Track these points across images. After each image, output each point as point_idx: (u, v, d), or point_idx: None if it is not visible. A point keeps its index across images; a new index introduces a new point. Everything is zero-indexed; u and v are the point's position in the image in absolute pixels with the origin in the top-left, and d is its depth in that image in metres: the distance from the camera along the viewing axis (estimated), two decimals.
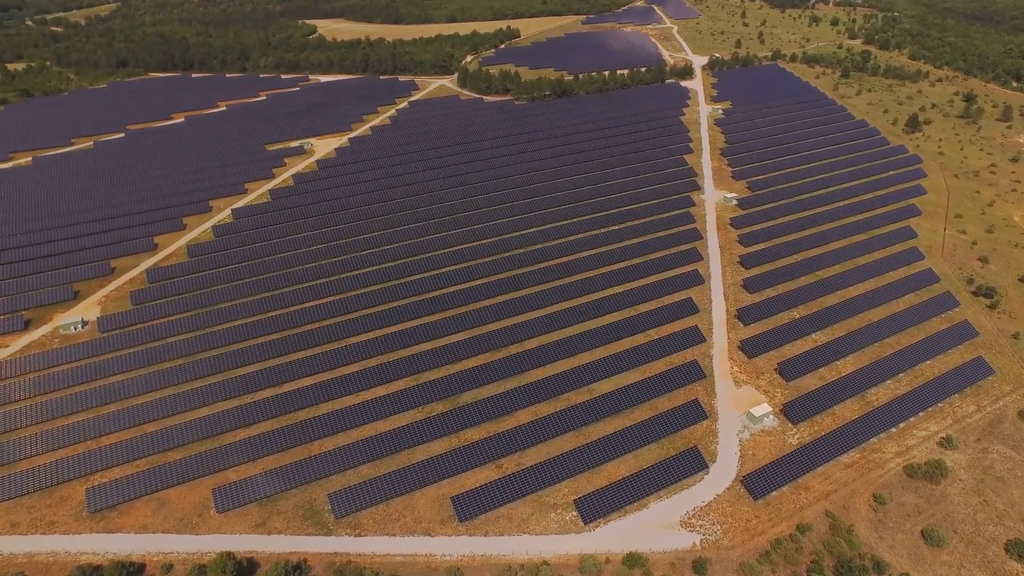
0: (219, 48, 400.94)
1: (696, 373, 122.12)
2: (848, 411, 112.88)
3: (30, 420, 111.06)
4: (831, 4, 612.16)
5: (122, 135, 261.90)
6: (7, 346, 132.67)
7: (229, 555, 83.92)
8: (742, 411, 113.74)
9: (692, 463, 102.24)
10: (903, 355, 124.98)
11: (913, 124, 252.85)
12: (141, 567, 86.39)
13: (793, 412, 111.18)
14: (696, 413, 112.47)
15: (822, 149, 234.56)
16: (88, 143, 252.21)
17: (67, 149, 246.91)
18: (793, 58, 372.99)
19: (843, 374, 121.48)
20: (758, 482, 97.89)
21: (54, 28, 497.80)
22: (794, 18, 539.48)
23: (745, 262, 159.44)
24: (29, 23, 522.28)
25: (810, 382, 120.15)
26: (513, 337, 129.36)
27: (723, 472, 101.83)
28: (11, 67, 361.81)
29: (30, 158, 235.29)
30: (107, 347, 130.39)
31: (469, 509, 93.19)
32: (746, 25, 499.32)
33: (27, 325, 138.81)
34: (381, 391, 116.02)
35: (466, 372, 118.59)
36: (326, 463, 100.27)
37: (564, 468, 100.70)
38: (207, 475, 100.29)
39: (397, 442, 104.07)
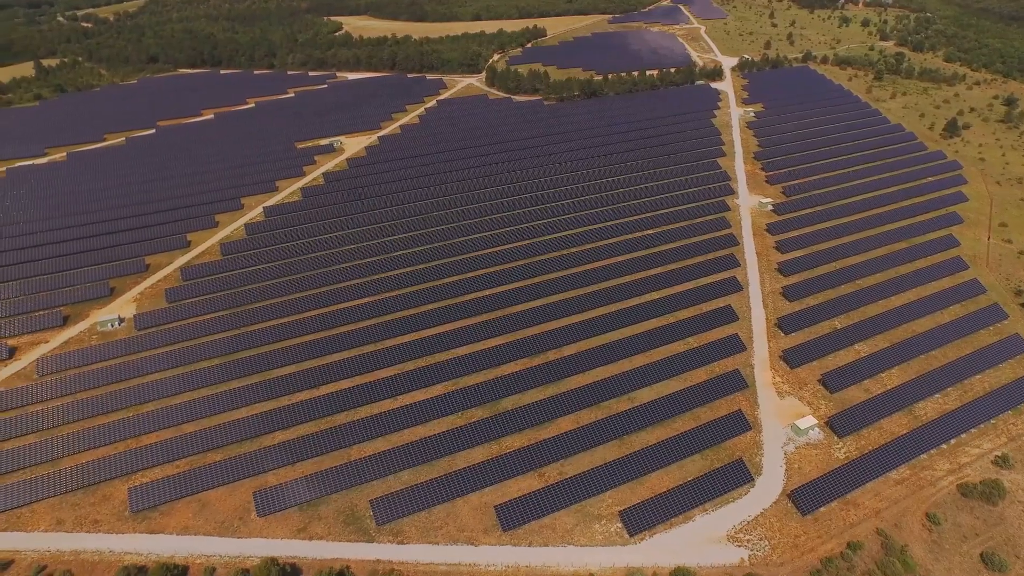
0: (246, 45, 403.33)
1: (738, 383, 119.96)
2: (896, 425, 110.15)
3: (72, 417, 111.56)
4: (861, 5, 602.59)
5: (153, 131, 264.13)
6: (47, 341, 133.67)
7: (273, 561, 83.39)
8: (786, 423, 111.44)
9: (737, 476, 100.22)
10: (951, 369, 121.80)
11: (951, 129, 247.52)
12: (185, 570, 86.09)
13: (839, 425, 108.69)
14: (740, 424, 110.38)
15: (857, 154, 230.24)
16: (120, 139, 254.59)
17: (100, 145, 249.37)
18: (824, 60, 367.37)
19: (889, 387, 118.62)
20: (806, 497, 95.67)
21: (84, 24, 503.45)
22: (823, 19, 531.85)
23: (783, 269, 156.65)
24: (60, 19, 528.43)
25: (855, 394, 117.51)
26: (551, 343, 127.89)
27: (769, 486, 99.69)
28: (45, 63, 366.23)
29: (65, 153, 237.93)
30: (144, 345, 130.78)
31: (513, 518, 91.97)
32: (774, 26, 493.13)
33: (65, 321, 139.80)
34: (420, 395, 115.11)
35: (505, 378, 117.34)
36: (366, 468, 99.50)
37: (607, 478, 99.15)
38: (247, 478, 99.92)
39: (438, 448, 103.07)
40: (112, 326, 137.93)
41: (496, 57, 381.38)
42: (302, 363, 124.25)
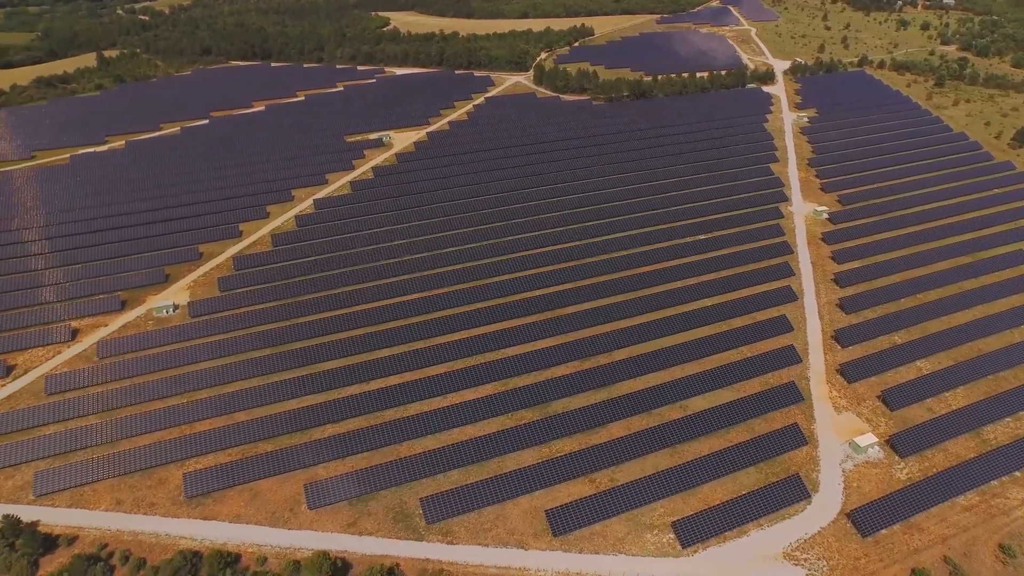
0: (296, 38, 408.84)
1: (793, 395, 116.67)
2: (962, 448, 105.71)
3: (129, 401, 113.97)
4: (920, 7, 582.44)
5: (206, 121, 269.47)
6: (106, 325, 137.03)
7: (325, 554, 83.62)
8: (844, 439, 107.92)
9: (793, 491, 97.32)
10: None
11: (1021, 138, 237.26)
12: (237, 557, 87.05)
13: (901, 444, 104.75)
14: (796, 438, 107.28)
15: (917, 163, 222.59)
16: (175, 128, 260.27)
17: (156, 134, 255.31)
18: (881, 64, 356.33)
19: (954, 407, 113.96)
20: (866, 517, 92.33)
21: (142, 17, 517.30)
22: (880, 21, 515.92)
23: (840, 280, 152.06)
24: (120, 12, 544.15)
25: (917, 413, 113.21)
26: (602, 346, 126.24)
27: (827, 503, 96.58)
28: (106, 54, 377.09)
29: (123, 142, 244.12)
30: (197, 332, 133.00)
31: (564, 523, 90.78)
32: (828, 28, 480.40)
33: (123, 306, 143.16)
34: (469, 395, 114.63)
35: (555, 380, 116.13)
36: (416, 466, 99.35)
37: (660, 487, 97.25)
38: (298, 469, 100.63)
39: (487, 449, 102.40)
40: (167, 312, 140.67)
41: (543, 55, 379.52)
42: (351, 357, 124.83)
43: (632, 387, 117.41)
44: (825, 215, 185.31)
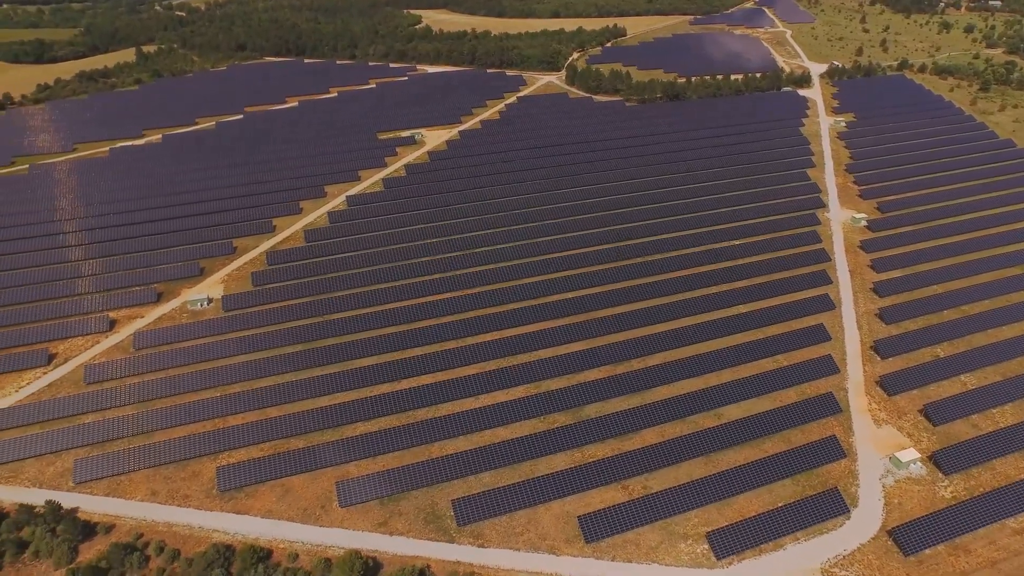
0: (329, 35, 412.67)
1: (831, 407, 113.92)
2: (1011, 468, 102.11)
3: (164, 392, 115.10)
4: (964, 8, 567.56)
5: (241, 116, 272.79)
6: (142, 316, 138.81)
7: (357, 553, 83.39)
8: (884, 453, 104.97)
9: (832, 505, 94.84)
10: None
11: None
12: (269, 553, 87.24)
13: (944, 461, 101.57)
14: (833, 450, 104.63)
15: (961, 170, 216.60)
16: (211, 123, 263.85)
17: (191, 128, 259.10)
18: (922, 68, 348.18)
19: (1001, 425, 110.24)
20: (909, 536, 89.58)
21: (179, 13, 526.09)
22: (921, 24, 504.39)
23: (879, 290, 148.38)
24: (158, 8, 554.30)
25: (962, 429, 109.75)
26: (636, 351, 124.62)
27: (866, 519, 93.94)
28: (145, 49, 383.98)
29: (160, 135, 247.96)
30: (231, 326, 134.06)
31: (596, 530, 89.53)
32: (866, 31, 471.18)
33: (159, 298, 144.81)
34: (501, 396, 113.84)
35: (588, 384, 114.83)
36: (447, 467, 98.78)
37: (694, 496, 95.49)
38: (329, 467, 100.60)
39: (519, 452, 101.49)
40: (201, 305, 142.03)
41: (576, 55, 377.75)
42: (383, 355, 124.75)
43: (666, 393, 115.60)
44: (864, 222, 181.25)
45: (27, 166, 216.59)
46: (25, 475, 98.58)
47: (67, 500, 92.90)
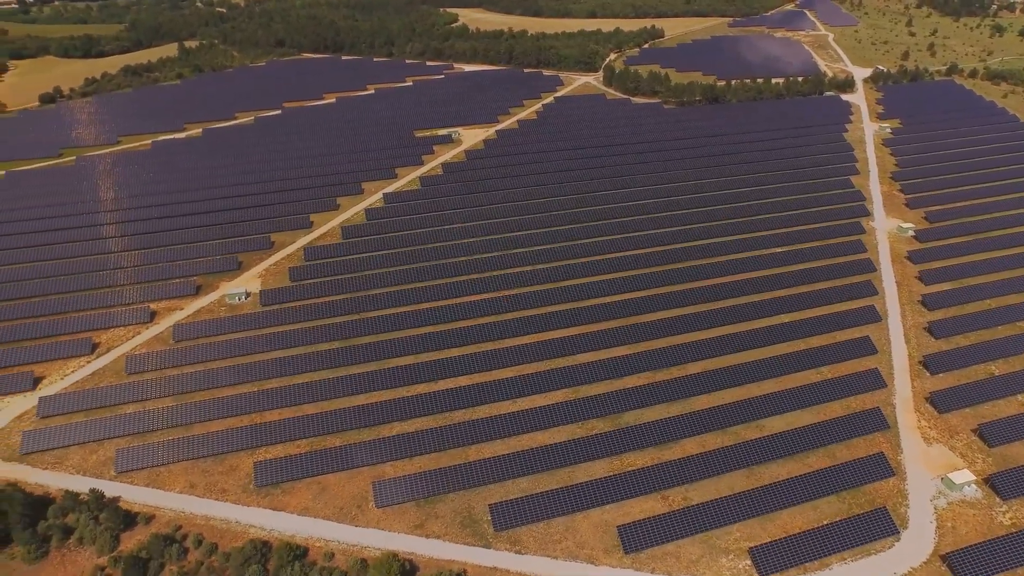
0: (366, 32, 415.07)
1: (878, 422, 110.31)
2: None
3: (202, 385, 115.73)
4: (1018, 11, 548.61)
5: (279, 112, 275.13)
6: (181, 309, 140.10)
7: (394, 556, 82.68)
8: (935, 474, 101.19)
9: (880, 526, 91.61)
10: None
11: None
12: (305, 551, 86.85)
13: (1002, 485, 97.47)
14: (881, 468, 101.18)
15: (1015, 180, 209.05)
16: (249, 118, 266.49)
17: (231, 123, 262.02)
18: (973, 73, 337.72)
19: None
20: (965, 563, 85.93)
21: (219, 9, 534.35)
22: (971, 27, 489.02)
23: (928, 302, 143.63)
24: (199, 4, 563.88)
25: (1020, 452, 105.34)
26: (675, 358, 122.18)
27: (917, 542, 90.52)
28: (187, 44, 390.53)
29: (200, 129, 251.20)
30: (268, 321, 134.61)
31: (636, 541, 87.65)
32: (913, 35, 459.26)
33: (198, 291, 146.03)
34: (539, 400, 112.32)
35: (627, 391, 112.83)
36: (484, 470, 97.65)
37: (735, 510, 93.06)
38: (365, 466, 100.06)
39: (557, 457, 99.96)
40: (239, 299, 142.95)
41: (613, 56, 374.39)
42: (420, 355, 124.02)
43: (707, 403, 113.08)
44: (911, 232, 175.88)
45: (74, 158, 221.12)
46: (70, 462, 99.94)
47: (109, 489, 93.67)
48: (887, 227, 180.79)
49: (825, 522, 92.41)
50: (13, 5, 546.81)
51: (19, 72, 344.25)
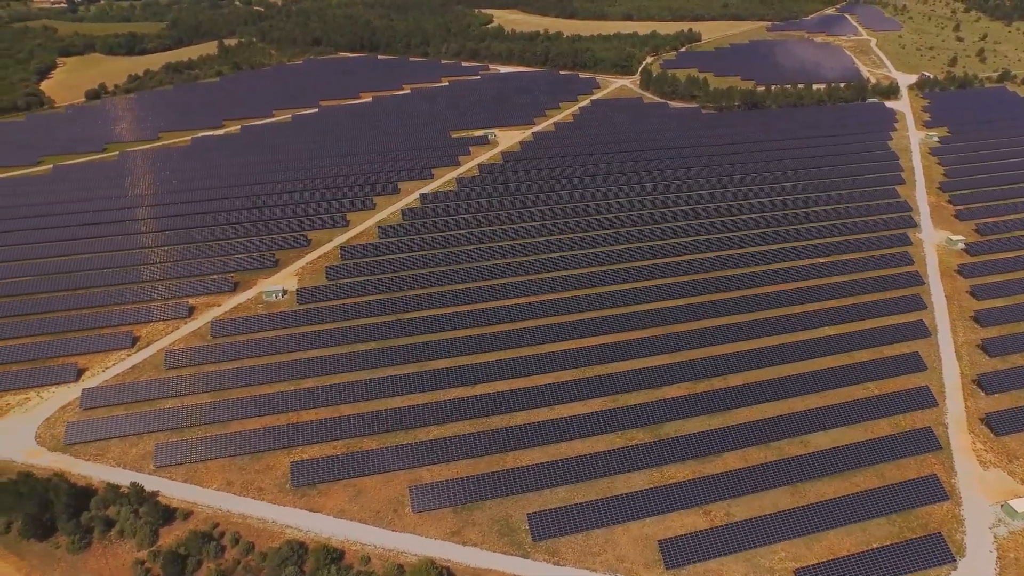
0: (402, 32, 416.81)
1: (930, 442, 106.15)
2: None
3: (240, 382, 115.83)
4: None
5: (316, 110, 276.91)
6: (219, 305, 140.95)
7: (431, 562, 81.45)
8: (994, 500, 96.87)
9: (935, 552, 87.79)
10: None
11: None
12: (341, 554, 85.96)
13: None
14: (934, 491, 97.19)
15: None
16: (287, 116, 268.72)
17: (268, 120, 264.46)
18: None
19: None
20: None
21: (257, 8, 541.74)
22: None
23: (981, 319, 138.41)
24: (237, 3, 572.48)
25: None
26: (716, 369, 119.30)
27: (976, 572, 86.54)
28: (226, 42, 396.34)
29: (239, 127, 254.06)
30: (305, 320, 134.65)
31: (677, 556, 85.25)
32: (960, 40, 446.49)
33: (235, 287, 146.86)
34: (578, 408, 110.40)
35: (667, 401, 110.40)
36: (523, 478, 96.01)
37: (780, 528, 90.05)
38: (402, 469, 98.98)
39: (597, 467, 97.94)
40: (276, 297, 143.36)
41: (649, 59, 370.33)
42: (456, 358, 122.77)
43: (749, 416, 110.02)
44: (961, 245, 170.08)
45: (117, 153, 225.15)
46: (111, 454, 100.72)
47: (148, 483, 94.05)
48: (935, 239, 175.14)
49: (875, 545, 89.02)
50: (62, 4, 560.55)
51: (67, 69, 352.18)
